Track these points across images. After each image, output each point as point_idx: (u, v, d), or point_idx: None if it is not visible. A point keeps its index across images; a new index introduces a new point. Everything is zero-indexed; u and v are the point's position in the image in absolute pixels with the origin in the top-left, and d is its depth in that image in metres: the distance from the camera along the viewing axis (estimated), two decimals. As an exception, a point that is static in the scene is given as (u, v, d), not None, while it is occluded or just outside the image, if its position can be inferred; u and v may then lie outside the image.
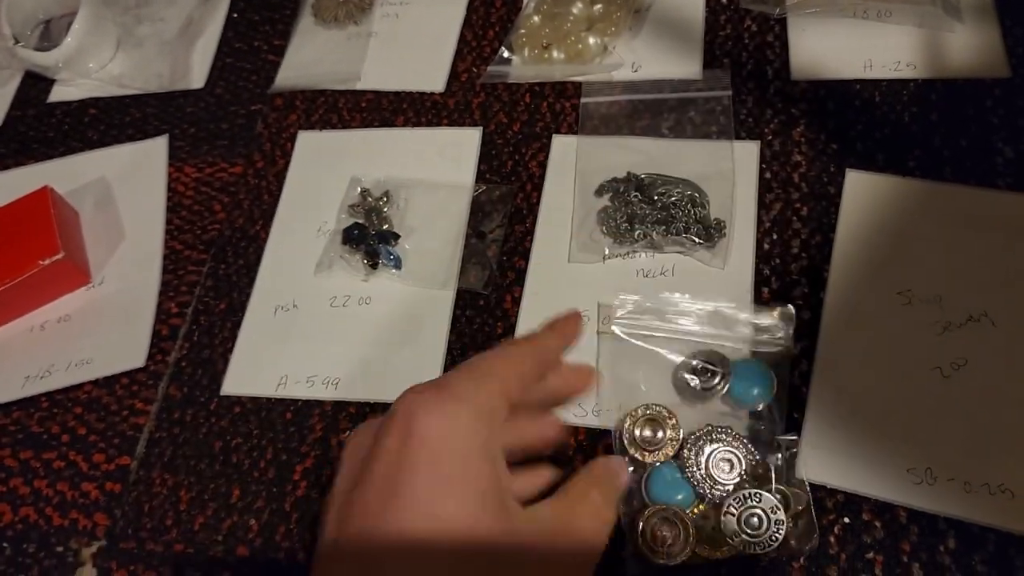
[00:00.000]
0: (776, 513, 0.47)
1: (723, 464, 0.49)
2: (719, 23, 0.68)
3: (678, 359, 0.54)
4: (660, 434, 0.51)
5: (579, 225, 0.60)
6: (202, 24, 0.78)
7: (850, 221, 0.57)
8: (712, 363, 0.53)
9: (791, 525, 0.47)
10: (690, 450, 0.50)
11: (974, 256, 0.54)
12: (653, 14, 0.69)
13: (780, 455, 0.50)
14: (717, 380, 0.52)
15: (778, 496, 0.48)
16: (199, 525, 0.54)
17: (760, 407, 0.52)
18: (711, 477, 0.49)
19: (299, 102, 0.72)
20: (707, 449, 0.50)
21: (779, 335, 0.54)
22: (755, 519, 0.47)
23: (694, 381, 0.52)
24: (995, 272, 0.53)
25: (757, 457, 0.49)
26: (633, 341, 0.55)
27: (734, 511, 0.48)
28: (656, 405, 0.52)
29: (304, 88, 0.72)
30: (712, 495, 0.49)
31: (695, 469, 0.49)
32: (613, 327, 0.56)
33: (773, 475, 0.49)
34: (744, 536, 0.47)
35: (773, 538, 0.47)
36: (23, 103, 0.77)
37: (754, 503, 0.47)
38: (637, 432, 0.51)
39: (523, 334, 0.47)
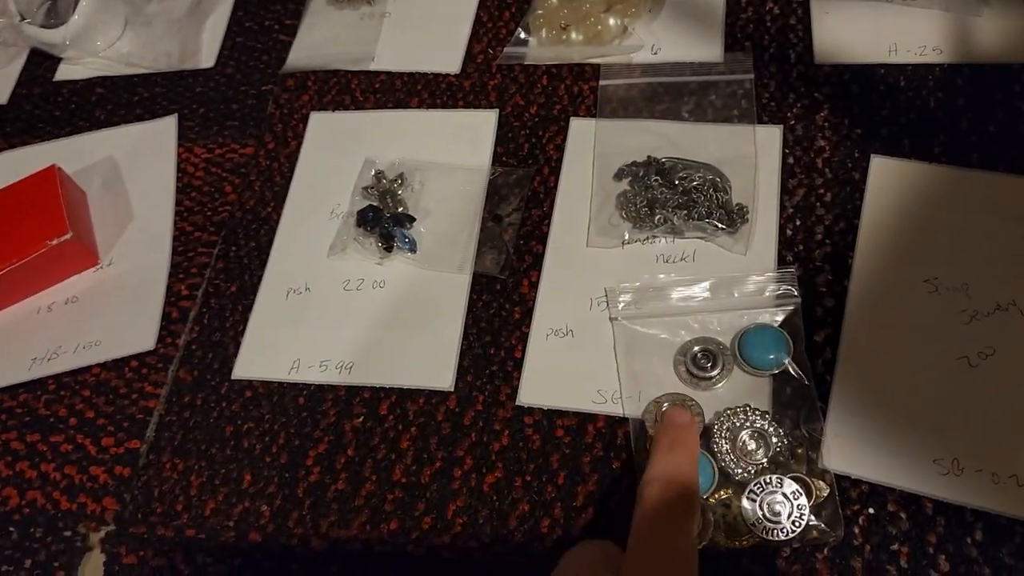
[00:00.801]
0: (798, 499, 0.46)
1: (751, 443, 0.49)
2: (740, 5, 0.66)
3: (688, 337, 0.54)
4: None
5: (598, 209, 0.59)
6: (212, 2, 0.77)
7: (875, 208, 0.56)
8: (709, 352, 0.52)
9: (814, 514, 0.47)
10: (720, 426, 0.49)
11: (1002, 244, 0.53)
12: (673, -4, 0.68)
13: (803, 445, 0.49)
14: (716, 371, 0.52)
15: (799, 484, 0.47)
16: (210, 510, 0.53)
17: (777, 370, 0.51)
18: (739, 454, 0.48)
19: (311, 83, 0.70)
20: (737, 426, 0.49)
21: (786, 296, 0.53)
22: (776, 505, 0.46)
23: (693, 371, 0.52)
24: (1023, 260, 0.52)
25: (786, 440, 0.48)
26: (641, 329, 0.54)
27: (755, 496, 0.47)
28: (676, 394, 0.51)
29: (316, 68, 0.71)
30: (737, 473, 0.48)
31: (723, 444, 0.49)
32: (620, 317, 0.55)
33: (793, 462, 0.48)
34: (765, 522, 0.46)
35: (795, 524, 0.46)
36: (29, 81, 0.76)
37: (775, 488, 0.47)
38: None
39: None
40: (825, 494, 0.48)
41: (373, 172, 0.63)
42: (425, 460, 0.53)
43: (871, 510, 0.47)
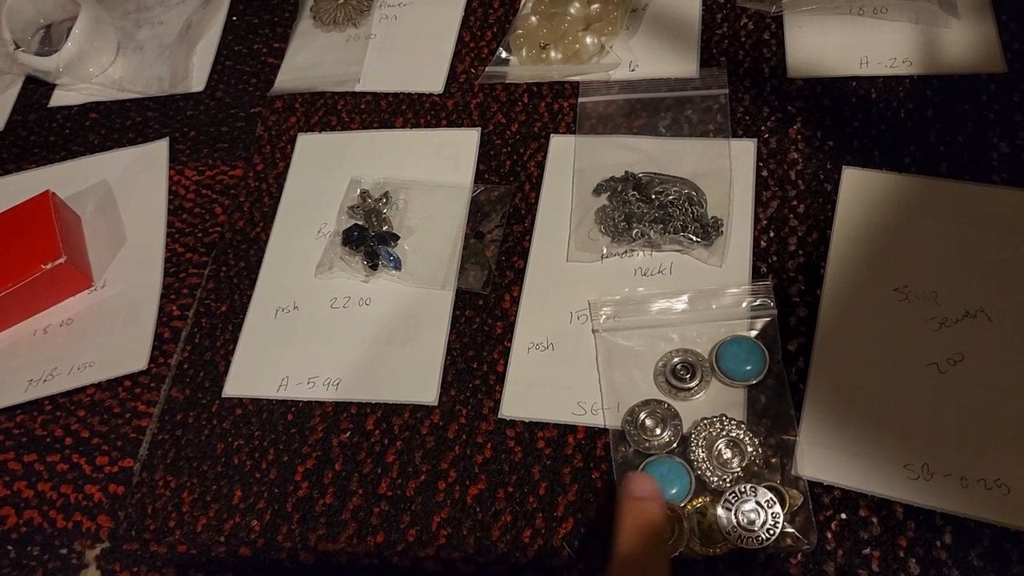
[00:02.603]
0: (772, 507, 0.48)
1: (727, 451, 0.50)
2: (716, 21, 0.68)
3: (668, 349, 0.55)
4: (659, 429, 0.52)
5: (577, 224, 0.61)
6: (202, 27, 0.79)
7: (847, 218, 0.57)
8: (689, 364, 0.54)
9: (787, 522, 0.48)
10: (697, 435, 0.51)
11: (970, 252, 0.54)
12: (650, 13, 0.69)
13: (777, 454, 0.50)
14: (694, 382, 0.53)
15: (773, 493, 0.48)
16: (202, 526, 0.55)
17: (754, 381, 0.52)
18: (715, 463, 0.50)
19: (299, 104, 0.72)
20: (713, 436, 0.50)
21: (763, 307, 0.55)
22: (751, 514, 0.48)
23: (672, 382, 0.53)
24: (991, 268, 0.53)
25: (760, 449, 0.50)
26: (622, 341, 0.56)
27: (730, 506, 0.48)
28: (654, 400, 0.53)
29: (304, 90, 0.72)
30: (713, 482, 0.49)
31: (700, 452, 0.50)
32: (602, 329, 0.56)
33: (767, 471, 0.50)
34: (740, 531, 0.47)
35: (769, 532, 0.47)
36: (24, 108, 0.78)
37: (749, 497, 0.48)
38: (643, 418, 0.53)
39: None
40: (799, 503, 0.49)
41: (358, 191, 0.65)
42: (410, 473, 0.54)
43: (843, 515, 0.48)
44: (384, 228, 0.63)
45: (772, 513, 0.47)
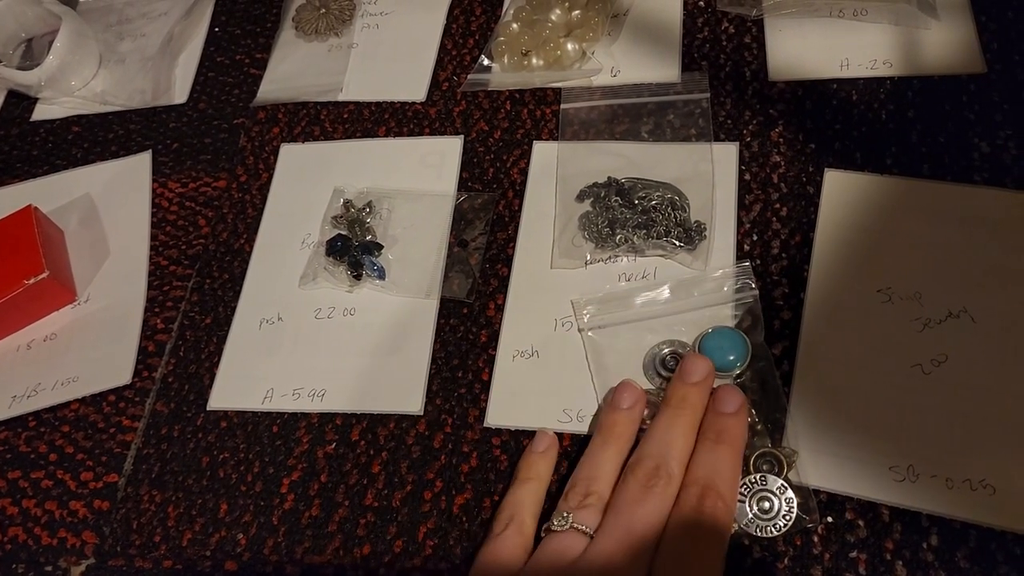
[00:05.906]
0: (784, 492, 0.48)
1: None
2: (696, 26, 0.68)
3: (655, 340, 0.55)
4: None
5: (561, 231, 0.61)
6: (184, 39, 0.79)
7: (829, 220, 0.57)
8: (678, 355, 0.54)
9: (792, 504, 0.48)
10: None
11: (953, 252, 0.54)
12: (631, 19, 0.70)
13: (762, 422, 0.51)
14: None
15: (771, 457, 0.49)
16: (187, 541, 0.54)
17: (739, 370, 0.52)
18: None
19: (281, 115, 0.72)
20: None
21: (744, 289, 0.55)
22: (766, 503, 0.48)
23: (662, 374, 0.54)
24: (974, 268, 0.53)
25: (756, 418, 0.50)
26: (609, 337, 0.56)
27: (743, 497, 0.48)
28: (650, 391, 0.53)
29: (286, 101, 0.72)
30: None
31: None
32: (587, 328, 0.56)
33: (756, 439, 0.50)
34: (758, 520, 0.47)
35: (786, 518, 0.47)
36: (6, 122, 0.78)
37: (761, 486, 0.48)
38: None
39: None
40: (795, 459, 0.49)
41: (342, 201, 0.65)
42: (396, 484, 0.54)
43: (829, 519, 0.48)
44: (368, 238, 0.63)
45: (785, 497, 0.48)
